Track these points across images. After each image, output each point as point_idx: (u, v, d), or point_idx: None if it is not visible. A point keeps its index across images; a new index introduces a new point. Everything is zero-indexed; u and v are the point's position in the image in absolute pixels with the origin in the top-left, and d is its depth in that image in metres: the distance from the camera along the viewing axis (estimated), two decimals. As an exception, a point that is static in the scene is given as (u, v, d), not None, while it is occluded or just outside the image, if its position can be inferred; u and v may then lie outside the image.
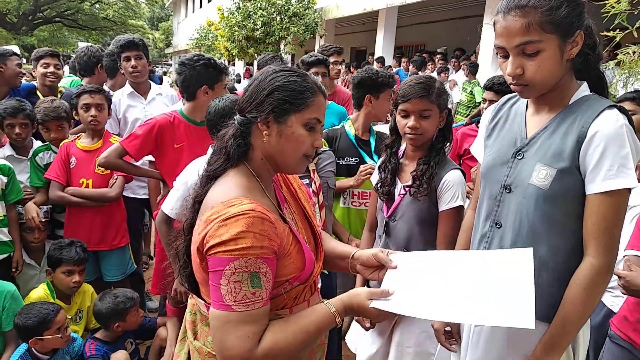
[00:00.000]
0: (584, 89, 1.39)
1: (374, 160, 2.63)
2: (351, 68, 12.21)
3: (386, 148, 2.08)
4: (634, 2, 2.70)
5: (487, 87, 2.79)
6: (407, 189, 1.96)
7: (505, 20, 1.28)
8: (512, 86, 1.39)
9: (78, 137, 2.95)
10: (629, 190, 1.27)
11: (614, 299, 2.28)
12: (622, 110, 1.30)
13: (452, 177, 1.88)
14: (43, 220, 2.83)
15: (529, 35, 1.26)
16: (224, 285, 1.10)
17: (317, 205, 2.29)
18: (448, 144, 2.00)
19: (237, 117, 1.26)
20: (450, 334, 1.70)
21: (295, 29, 11.74)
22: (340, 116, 3.37)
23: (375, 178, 2.14)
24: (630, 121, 1.30)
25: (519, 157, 1.44)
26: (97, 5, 30.85)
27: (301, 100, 1.22)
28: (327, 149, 2.53)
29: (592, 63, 1.37)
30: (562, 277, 1.36)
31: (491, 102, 2.72)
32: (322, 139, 2.40)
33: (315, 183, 2.29)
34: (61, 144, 2.92)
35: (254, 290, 1.11)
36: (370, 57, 12.70)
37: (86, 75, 3.77)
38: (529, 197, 1.38)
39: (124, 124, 3.40)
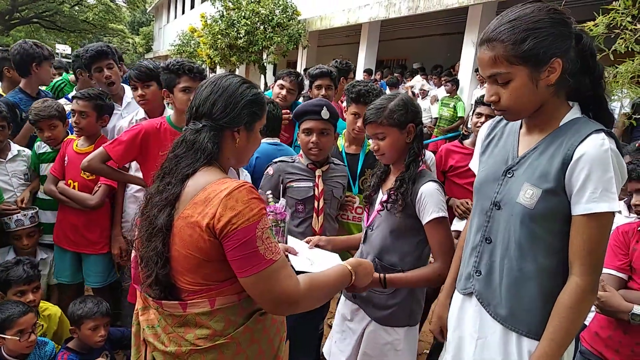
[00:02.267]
0: (574, 112, 1.42)
1: (352, 177, 2.65)
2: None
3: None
4: (611, 26, 2.80)
5: (482, 102, 2.83)
6: (382, 203, 1.99)
7: (479, 52, 1.38)
8: (495, 111, 1.46)
9: (78, 137, 2.93)
10: (612, 213, 1.31)
11: (589, 314, 2.33)
12: (610, 134, 1.33)
13: (426, 190, 1.89)
14: (30, 225, 2.81)
15: (496, 67, 1.34)
16: (260, 246, 1.28)
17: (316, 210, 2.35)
18: (420, 157, 1.99)
19: (209, 123, 1.40)
20: (441, 334, 1.79)
21: (279, 39, 11.77)
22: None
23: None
24: (618, 145, 1.33)
25: (509, 175, 1.47)
26: (77, 8, 30.36)
27: (263, 109, 1.49)
28: (342, 164, 2.57)
29: (584, 88, 1.39)
30: (549, 294, 1.39)
31: (488, 116, 2.76)
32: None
33: (317, 188, 2.35)
34: (64, 139, 2.94)
35: (274, 240, 1.33)
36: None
37: (23, 76, 3.37)
38: (516, 215, 1.42)
39: (105, 133, 3.30)
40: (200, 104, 1.42)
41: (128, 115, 3.25)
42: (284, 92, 3.42)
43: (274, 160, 2.46)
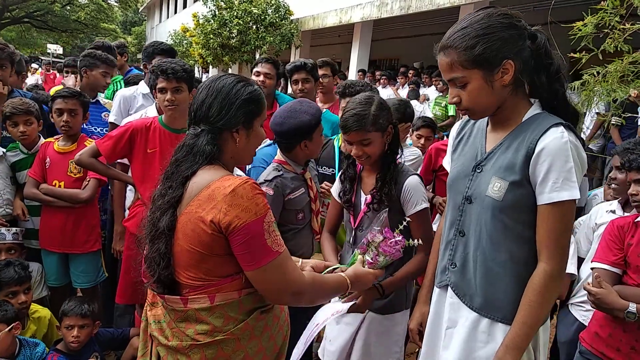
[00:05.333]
0: (535, 108, 1.50)
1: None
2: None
3: (345, 159, 2.14)
4: (599, 25, 2.82)
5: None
6: (368, 205, 2.02)
7: (438, 59, 1.47)
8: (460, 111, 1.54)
9: (57, 138, 2.91)
10: (574, 201, 1.39)
11: (584, 313, 2.34)
12: (569, 127, 1.40)
13: (411, 183, 1.98)
14: (11, 241, 2.78)
15: (453, 72, 1.44)
16: (268, 239, 1.32)
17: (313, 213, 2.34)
18: (398, 155, 2.04)
19: (207, 127, 1.41)
20: (421, 334, 1.80)
21: (271, 38, 11.75)
22: (334, 126, 3.20)
23: (336, 188, 2.19)
24: (578, 137, 1.40)
25: (478, 171, 1.55)
26: (68, 7, 30.13)
27: (259, 106, 1.48)
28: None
29: (540, 85, 1.45)
30: (521, 282, 1.45)
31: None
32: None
33: (312, 190, 2.34)
34: (42, 142, 2.93)
35: (278, 232, 1.38)
36: (346, 71, 12.79)
37: None
38: (486, 207, 1.49)
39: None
40: (198, 108, 1.44)
41: (136, 113, 3.25)
42: (261, 78, 3.35)
43: (267, 178, 2.22)
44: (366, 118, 1.90)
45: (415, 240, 1.75)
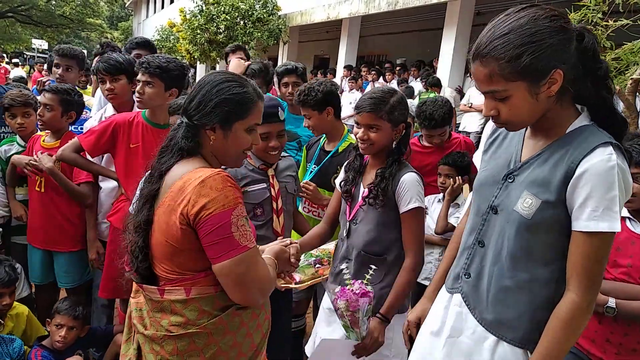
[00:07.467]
0: (583, 118, 1.34)
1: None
2: (319, 75, 12.28)
3: (354, 150, 2.13)
4: (582, 22, 2.84)
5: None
6: (364, 199, 2.00)
7: (473, 67, 1.30)
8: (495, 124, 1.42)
9: (47, 133, 2.88)
10: (613, 233, 1.25)
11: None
12: (618, 147, 1.25)
13: (408, 179, 1.93)
14: None
15: (492, 85, 1.26)
16: (235, 232, 1.30)
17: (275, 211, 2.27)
18: (405, 156, 2.01)
19: (185, 121, 1.43)
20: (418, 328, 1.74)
21: (259, 34, 11.70)
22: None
23: (340, 178, 2.18)
24: (626, 158, 1.27)
25: (510, 180, 1.41)
26: (54, 2, 29.73)
27: (244, 110, 1.43)
28: (287, 155, 2.53)
29: (587, 92, 1.31)
30: (542, 304, 1.36)
31: None
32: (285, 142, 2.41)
33: (274, 188, 2.27)
34: (32, 136, 2.91)
35: (249, 229, 1.35)
36: (334, 66, 12.78)
37: None
38: (512, 223, 1.37)
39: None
40: (187, 99, 1.46)
41: (97, 113, 3.23)
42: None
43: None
44: (383, 104, 1.91)
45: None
